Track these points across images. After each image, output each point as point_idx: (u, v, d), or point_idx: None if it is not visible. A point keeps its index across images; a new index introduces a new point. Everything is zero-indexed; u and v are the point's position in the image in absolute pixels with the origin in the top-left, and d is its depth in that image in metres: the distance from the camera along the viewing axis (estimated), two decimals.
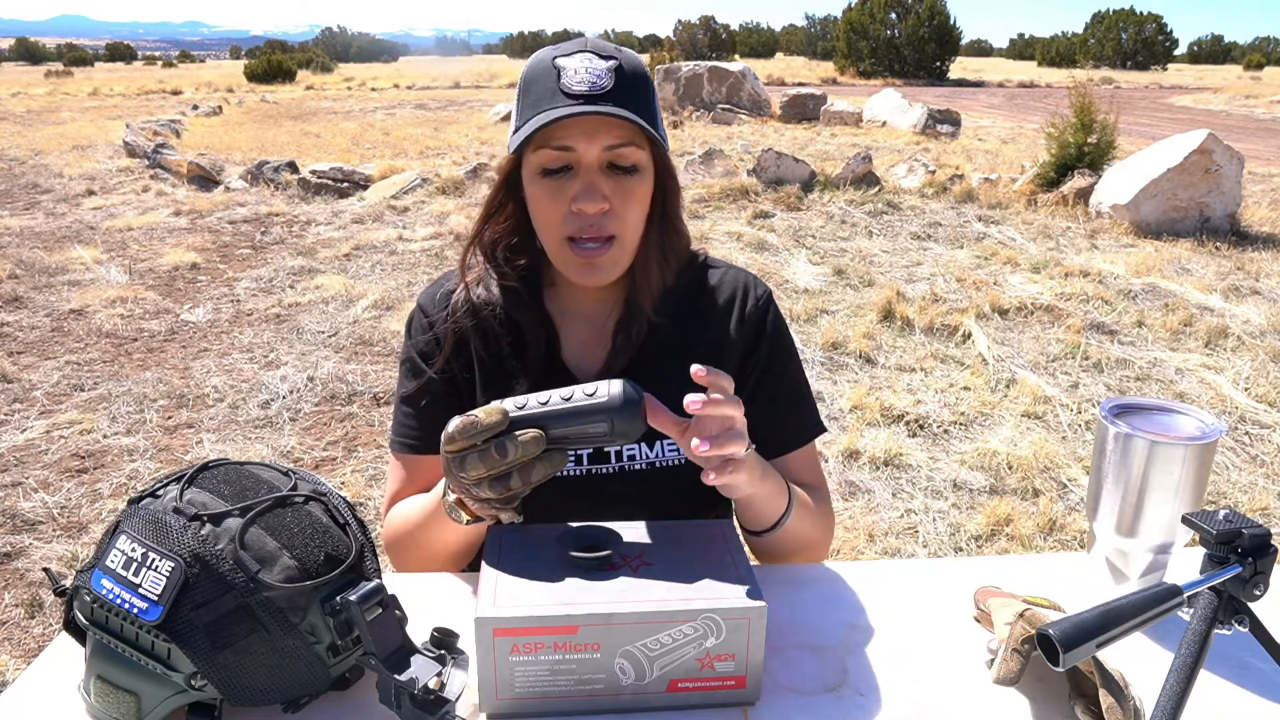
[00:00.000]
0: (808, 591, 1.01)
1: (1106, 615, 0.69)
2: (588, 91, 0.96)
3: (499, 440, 0.82)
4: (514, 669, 0.77)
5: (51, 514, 2.94)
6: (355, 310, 5.00)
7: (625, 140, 0.99)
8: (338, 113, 17.40)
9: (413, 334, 1.16)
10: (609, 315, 1.13)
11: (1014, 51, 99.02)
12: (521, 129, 0.99)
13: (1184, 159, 6.74)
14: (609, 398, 0.82)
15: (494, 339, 1.12)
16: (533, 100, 0.99)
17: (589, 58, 0.98)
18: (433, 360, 1.13)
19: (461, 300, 1.12)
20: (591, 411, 0.82)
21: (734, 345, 1.15)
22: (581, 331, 1.14)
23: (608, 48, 1.02)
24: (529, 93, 1.00)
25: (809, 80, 28.81)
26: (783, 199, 7.58)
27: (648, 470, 1.10)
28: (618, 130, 0.98)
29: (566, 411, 0.82)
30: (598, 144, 0.98)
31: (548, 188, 1.00)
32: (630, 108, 0.97)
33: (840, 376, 4.11)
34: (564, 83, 0.97)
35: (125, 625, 0.75)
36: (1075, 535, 2.84)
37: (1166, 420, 0.93)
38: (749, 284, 1.19)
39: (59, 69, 39.99)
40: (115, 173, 9.37)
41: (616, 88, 0.97)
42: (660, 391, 1.15)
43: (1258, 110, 20.93)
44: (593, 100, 0.96)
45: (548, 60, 1.00)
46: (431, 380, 1.12)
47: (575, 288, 1.12)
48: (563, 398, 0.83)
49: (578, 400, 0.82)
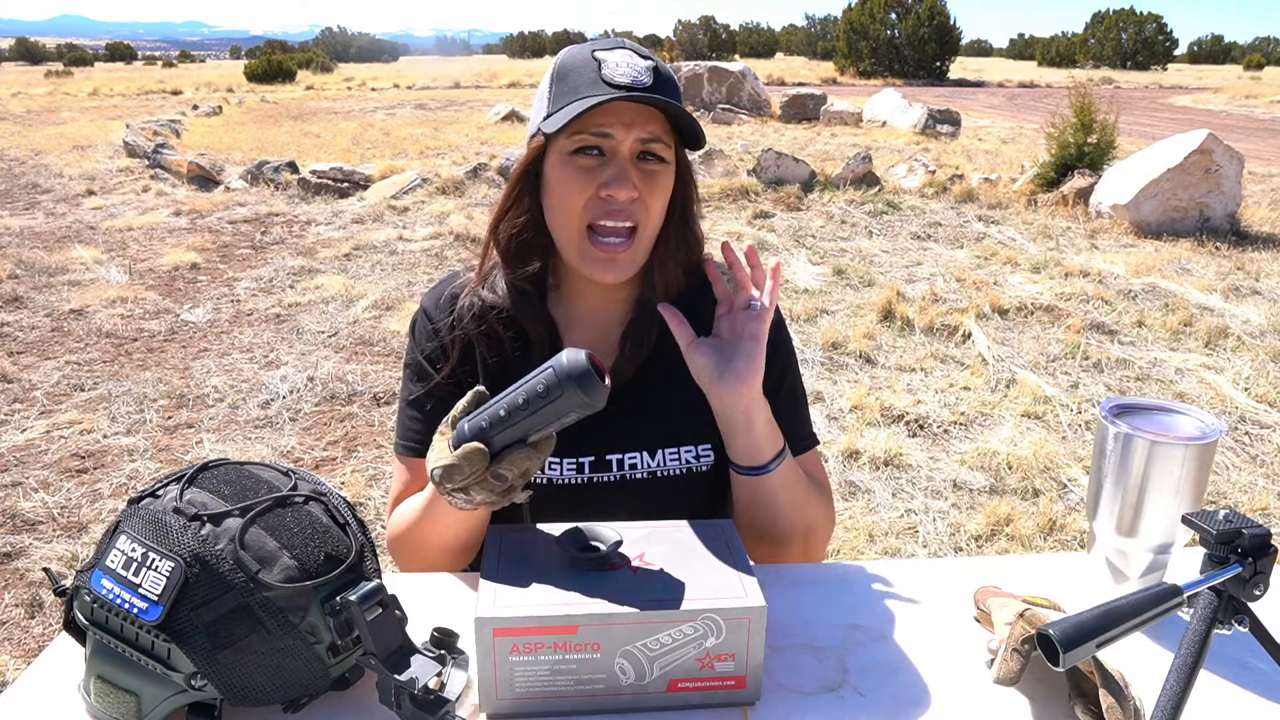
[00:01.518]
0: (808, 591, 1.01)
1: (1106, 615, 0.69)
2: (630, 84, 0.98)
3: (492, 470, 0.83)
4: (514, 669, 0.77)
5: (51, 514, 2.94)
6: (355, 310, 5.00)
7: (658, 135, 1.01)
8: (338, 113, 17.40)
9: (417, 337, 1.15)
10: (615, 319, 1.13)
11: (1014, 51, 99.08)
12: (558, 113, 0.99)
13: (1184, 159, 6.74)
14: (559, 382, 0.79)
15: (498, 343, 1.11)
16: (570, 88, 1.00)
17: (629, 54, 1.01)
18: (438, 365, 1.12)
19: (467, 305, 1.12)
20: (551, 400, 0.80)
21: None
22: (584, 336, 1.13)
23: (643, 49, 1.04)
24: (565, 80, 1.01)
25: (809, 80, 28.83)
26: (783, 199, 7.58)
27: (649, 480, 1.09)
28: (653, 125, 1.00)
29: (530, 414, 0.81)
30: (634, 134, 0.99)
31: (577, 169, 1.01)
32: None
33: (840, 376, 4.11)
34: (605, 73, 0.98)
35: (125, 625, 0.75)
36: (1075, 535, 2.84)
37: (1166, 420, 0.93)
38: None
39: (59, 69, 40.02)
40: (115, 173, 9.38)
41: (655, 86, 1.00)
42: (668, 392, 1.14)
43: (1258, 110, 20.93)
44: (635, 93, 0.98)
45: (586, 53, 1.02)
46: (436, 385, 1.12)
47: (583, 290, 1.11)
48: (520, 405, 0.81)
49: (535, 401, 0.81)
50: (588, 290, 1.11)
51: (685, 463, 1.11)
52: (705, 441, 1.11)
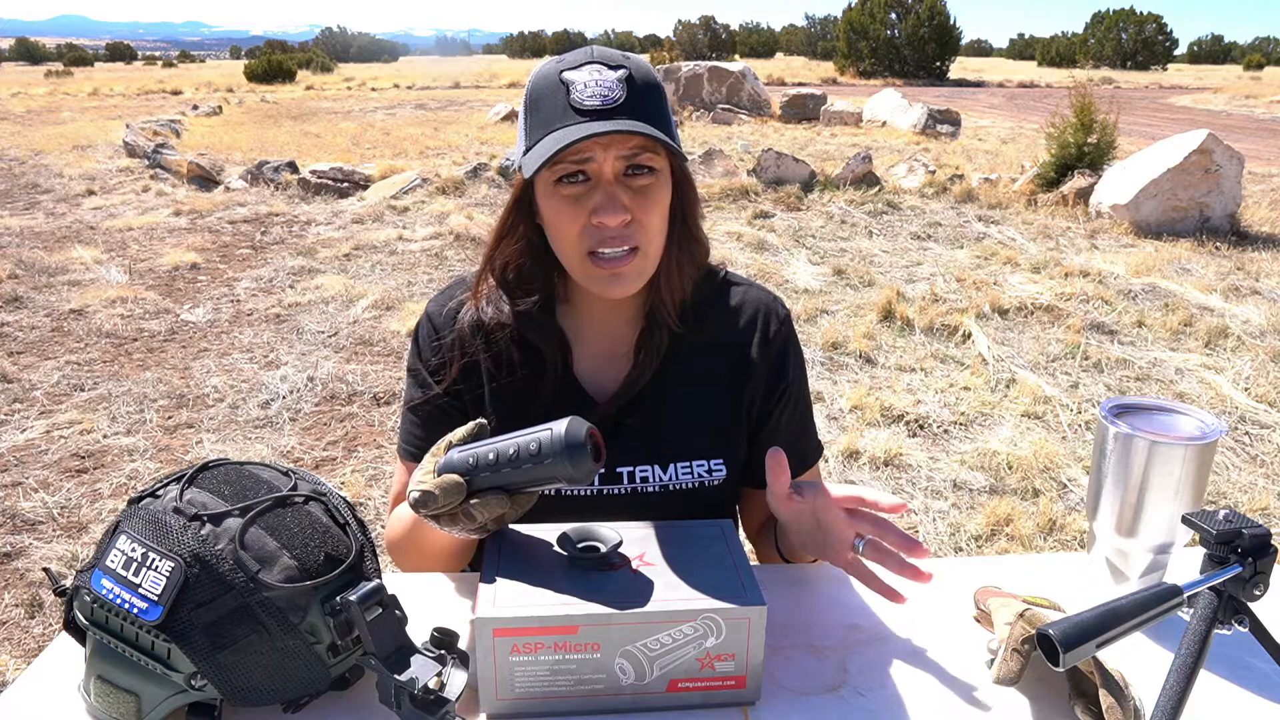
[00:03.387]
0: (808, 591, 1.01)
1: (1106, 615, 0.69)
2: (599, 106, 0.93)
3: (465, 508, 0.82)
4: (514, 669, 0.77)
5: (51, 514, 2.94)
6: (355, 310, 5.00)
7: (641, 148, 0.97)
8: (338, 113, 17.40)
9: (420, 345, 1.14)
10: (625, 330, 1.11)
11: (1014, 51, 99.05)
12: (532, 149, 0.96)
13: (1184, 159, 6.74)
14: (552, 446, 0.79)
15: (506, 359, 1.10)
16: (542, 119, 0.96)
17: (597, 69, 0.96)
18: (439, 376, 1.11)
19: (469, 322, 1.10)
20: (539, 462, 0.80)
21: (759, 368, 1.13)
22: (596, 348, 1.12)
23: (615, 56, 0.98)
24: (538, 110, 0.97)
25: (809, 80, 28.82)
26: (783, 199, 7.58)
27: (660, 493, 1.08)
28: (633, 141, 0.96)
29: (516, 469, 0.81)
30: (613, 153, 0.95)
31: (565, 199, 0.97)
32: (643, 118, 0.95)
33: (840, 376, 4.11)
34: (574, 98, 0.94)
35: (125, 625, 0.75)
36: (1075, 535, 2.84)
37: (1166, 420, 0.93)
38: (771, 305, 1.17)
39: (59, 69, 39.98)
40: (115, 173, 9.37)
41: (628, 99, 0.95)
42: (680, 405, 1.12)
43: (1258, 110, 20.93)
44: (605, 114, 0.93)
45: (554, 75, 0.97)
46: (433, 396, 1.11)
47: (592, 303, 1.10)
48: (510, 456, 0.81)
49: (524, 458, 0.80)
50: (596, 303, 1.10)
51: (697, 477, 1.09)
52: (717, 456, 1.10)
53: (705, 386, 1.12)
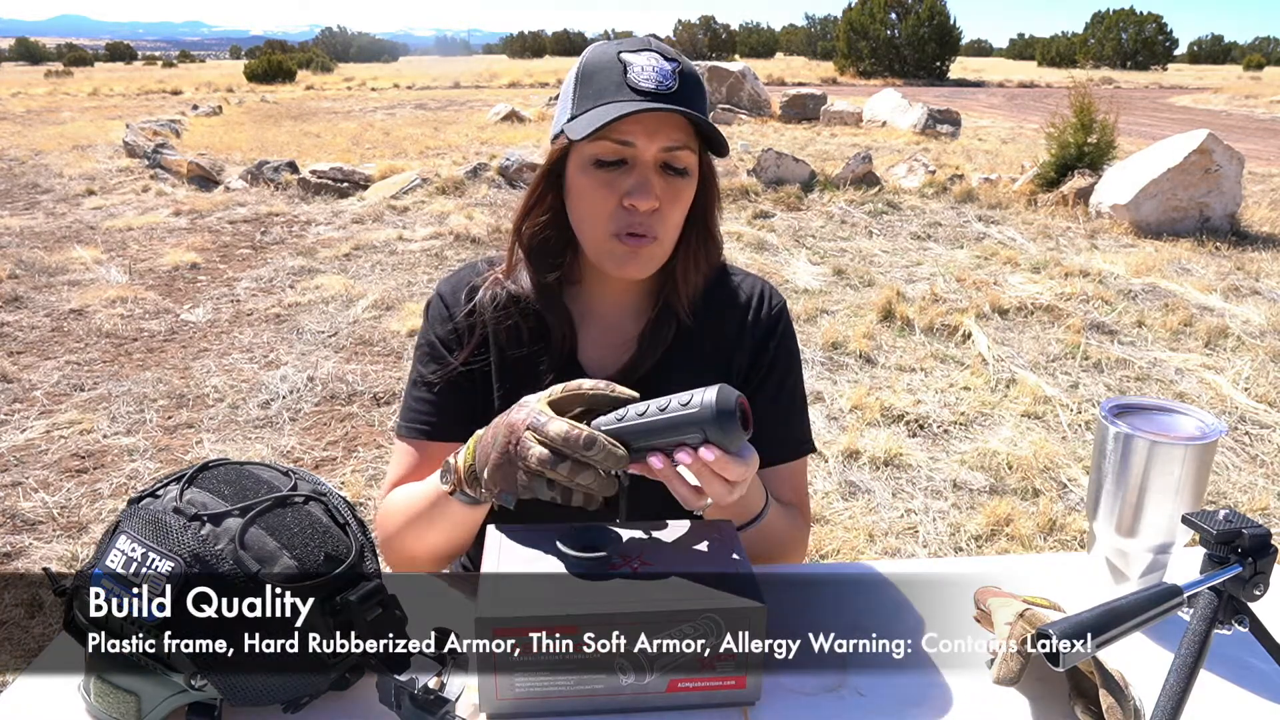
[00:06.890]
0: (808, 591, 1.01)
1: (1106, 615, 0.69)
2: (655, 90, 0.97)
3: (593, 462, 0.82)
4: (514, 669, 0.77)
5: (51, 514, 2.94)
6: (355, 310, 5.00)
7: (682, 143, 1.00)
8: (338, 113, 17.40)
9: (431, 320, 1.15)
10: (631, 315, 1.13)
11: (1014, 51, 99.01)
12: (581, 117, 0.98)
13: (1184, 159, 6.75)
14: (701, 408, 0.80)
15: (516, 335, 1.11)
16: (594, 91, 0.99)
17: (655, 57, 0.99)
18: (453, 350, 1.12)
19: (489, 297, 1.12)
20: (686, 423, 0.80)
21: (744, 343, 1.15)
22: (599, 332, 1.13)
23: (670, 50, 1.02)
24: (590, 83, 1.00)
25: (809, 80, 28.83)
26: (783, 199, 7.58)
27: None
28: (678, 132, 0.99)
29: (661, 424, 0.81)
30: (657, 143, 0.99)
31: (600, 179, 1.00)
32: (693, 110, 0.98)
33: (840, 376, 4.11)
34: (631, 78, 0.97)
35: (125, 625, 0.75)
36: (1075, 535, 2.84)
37: (1166, 420, 0.93)
38: (765, 290, 1.19)
39: (59, 69, 39.96)
40: (115, 173, 9.37)
41: (680, 90, 0.98)
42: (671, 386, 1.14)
43: (1258, 110, 20.93)
44: (660, 99, 0.97)
45: (612, 54, 1.00)
46: (451, 368, 1.11)
47: (603, 287, 1.12)
48: (659, 408, 0.82)
49: (673, 411, 0.81)
50: (607, 286, 1.12)
51: None
52: None
53: (700, 371, 1.12)
